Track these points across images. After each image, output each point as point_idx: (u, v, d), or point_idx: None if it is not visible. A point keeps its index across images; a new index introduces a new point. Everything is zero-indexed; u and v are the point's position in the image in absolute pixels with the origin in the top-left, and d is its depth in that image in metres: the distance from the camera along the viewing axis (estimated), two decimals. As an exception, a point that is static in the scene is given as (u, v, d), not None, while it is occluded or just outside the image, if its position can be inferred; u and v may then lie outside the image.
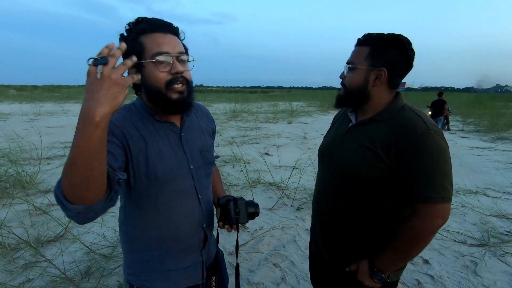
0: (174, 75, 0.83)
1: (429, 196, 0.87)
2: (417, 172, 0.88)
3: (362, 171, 0.96)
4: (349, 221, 1.04)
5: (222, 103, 21.92)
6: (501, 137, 9.13)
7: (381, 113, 1.00)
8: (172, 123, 0.94)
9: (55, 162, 5.48)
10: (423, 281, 2.29)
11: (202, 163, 0.99)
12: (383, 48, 0.97)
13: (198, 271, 1.01)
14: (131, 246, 0.97)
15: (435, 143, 0.88)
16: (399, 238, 0.93)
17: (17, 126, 9.42)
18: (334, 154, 1.08)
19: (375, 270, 0.98)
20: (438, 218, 0.88)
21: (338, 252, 1.09)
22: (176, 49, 0.84)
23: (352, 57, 1.03)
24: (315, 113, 17.04)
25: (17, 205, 3.46)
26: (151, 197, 0.90)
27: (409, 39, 0.97)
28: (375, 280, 0.98)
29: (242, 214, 0.97)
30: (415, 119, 0.93)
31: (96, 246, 2.65)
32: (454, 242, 2.88)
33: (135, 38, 0.83)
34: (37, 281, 2.18)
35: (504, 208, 3.66)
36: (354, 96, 1.03)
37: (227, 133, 9.05)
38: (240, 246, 2.77)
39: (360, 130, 1.03)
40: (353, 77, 1.01)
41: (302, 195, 4.01)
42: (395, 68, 0.98)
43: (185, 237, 0.96)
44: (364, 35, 1.01)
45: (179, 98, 0.85)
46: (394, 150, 0.91)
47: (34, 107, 16.18)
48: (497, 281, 2.30)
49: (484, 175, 5.15)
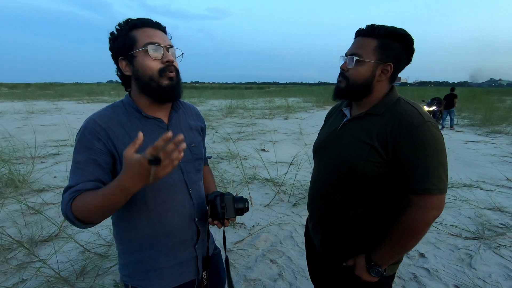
0: (165, 63, 0.87)
1: (425, 188, 0.87)
2: (414, 164, 0.88)
3: (360, 165, 0.95)
4: (346, 217, 1.03)
5: (217, 100, 21.84)
6: (495, 131, 9.22)
7: (376, 107, 0.99)
8: (159, 119, 0.95)
9: (49, 161, 5.41)
10: (419, 274, 2.31)
11: (191, 157, 1.00)
12: (391, 42, 0.93)
13: (192, 267, 1.01)
14: (125, 247, 0.97)
15: (432, 134, 0.88)
16: (395, 231, 0.93)
17: (10, 125, 9.28)
18: (329, 149, 1.07)
19: (372, 264, 0.98)
20: (434, 210, 0.88)
21: (336, 248, 1.08)
22: (166, 42, 0.90)
23: (357, 48, 0.97)
24: (311, 108, 17.05)
25: (10, 204, 3.41)
26: (140, 192, 0.90)
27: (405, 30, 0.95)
28: (372, 274, 0.98)
29: (229, 208, 0.96)
30: (411, 111, 0.92)
31: (91, 245, 2.62)
32: (449, 235, 2.90)
33: (126, 33, 0.87)
34: (31, 282, 2.15)
35: (498, 201, 3.69)
36: (357, 89, 0.99)
37: (223, 129, 9.02)
38: (236, 242, 2.76)
39: (355, 124, 1.02)
40: (359, 70, 0.96)
41: (298, 191, 4.00)
42: (399, 63, 0.97)
43: (178, 232, 0.96)
44: (369, 26, 0.96)
45: (170, 85, 0.89)
46: (391, 143, 0.91)
47: (27, 105, 15.97)
48: (492, 273, 2.32)
49: (479, 168, 5.19)
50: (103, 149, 0.84)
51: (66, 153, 5.90)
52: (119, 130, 0.88)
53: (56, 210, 3.35)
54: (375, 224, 1.01)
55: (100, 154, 0.84)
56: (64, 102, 19.62)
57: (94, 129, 0.85)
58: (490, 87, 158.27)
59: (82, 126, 0.87)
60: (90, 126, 0.85)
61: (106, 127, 0.86)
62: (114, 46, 0.89)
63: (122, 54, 0.88)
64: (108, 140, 0.86)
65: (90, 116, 0.89)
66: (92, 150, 0.83)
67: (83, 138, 0.84)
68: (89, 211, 0.76)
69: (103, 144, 0.85)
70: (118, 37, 0.88)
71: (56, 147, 6.42)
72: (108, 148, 0.86)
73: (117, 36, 0.88)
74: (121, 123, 0.89)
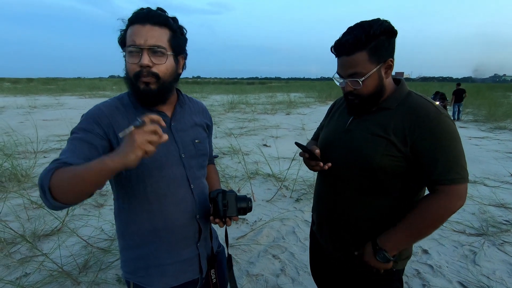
0: (140, 67, 0.84)
1: (451, 178, 0.88)
2: (436, 155, 0.88)
3: (376, 160, 0.94)
4: (357, 211, 1.02)
5: (219, 95, 21.77)
6: (499, 127, 9.15)
7: (387, 101, 0.98)
8: (162, 112, 0.94)
9: (51, 155, 5.42)
10: (422, 271, 2.30)
11: (195, 153, 0.99)
12: (377, 42, 0.88)
13: (194, 265, 1.00)
14: (126, 242, 0.96)
15: (449, 126, 0.90)
16: (415, 216, 0.92)
17: (12, 120, 9.31)
18: (340, 145, 1.05)
19: (377, 248, 0.96)
20: (459, 199, 0.89)
21: (347, 240, 1.07)
22: (148, 42, 0.82)
23: (352, 67, 0.91)
24: (313, 104, 16.97)
25: (12, 199, 3.42)
26: (140, 185, 0.90)
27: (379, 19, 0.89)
28: (377, 258, 0.96)
29: (231, 206, 0.93)
30: (427, 104, 0.93)
31: (93, 240, 2.62)
32: (453, 231, 2.89)
33: (126, 29, 0.86)
34: (34, 276, 2.16)
35: (502, 198, 3.67)
36: (373, 98, 0.97)
37: (225, 124, 8.99)
38: (239, 238, 2.76)
39: (367, 119, 1.00)
40: (367, 84, 0.93)
41: (301, 186, 3.99)
42: (393, 50, 0.94)
43: (179, 228, 0.94)
44: (344, 43, 0.89)
45: (145, 89, 0.85)
46: (410, 136, 0.90)
47: (29, 100, 16.00)
48: (496, 270, 2.31)
49: (483, 164, 5.15)
50: (101, 134, 0.84)
51: (69, 148, 5.90)
52: (123, 121, 0.88)
53: (59, 205, 3.36)
54: (386, 218, 0.99)
55: (97, 138, 0.83)
56: (66, 97, 19.65)
57: (98, 114, 0.86)
58: (494, 82, 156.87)
59: (88, 111, 0.88)
60: (94, 111, 0.87)
61: (110, 115, 0.87)
62: (119, 41, 0.89)
63: (121, 48, 0.89)
64: (109, 127, 0.86)
65: (96, 104, 0.90)
66: (90, 133, 0.83)
67: (84, 121, 0.85)
68: (63, 182, 0.71)
69: (103, 130, 0.85)
70: (122, 30, 0.88)
71: (58, 142, 6.44)
72: (107, 135, 0.85)
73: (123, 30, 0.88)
74: (125, 114, 0.90)
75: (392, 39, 0.92)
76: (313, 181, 4.10)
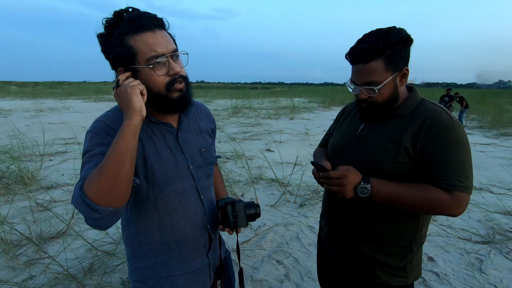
0: (172, 76, 0.80)
1: (454, 185, 0.87)
2: (445, 162, 0.88)
3: (387, 167, 0.94)
4: (366, 218, 1.02)
5: (223, 99, 21.86)
6: (505, 133, 9.07)
7: (400, 108, 0.98)
8: (168, 123, 0.90)
9: (57, 158, 5.47)
10: (428, 278, 2.27)
11: (202, 163, 0.96)
12: (393, 50, 0.89)
13: (205, 275, 0.99)
14: (134, 252, 0.94)
15: (461, 134, 0.90)
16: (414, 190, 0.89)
17: (19, 123, 9.42)
18: (350, 151, 1.05)
19: (366, 181, 0.92)
20: (459, 207, 0.87)
21: (355, 251, 1.06)
22: (169, 48, 0.79)
23: (367, 75, 0.91)
24: (317, 109, 16.97)
25: (19, 201, 3.46)
26: (150, 199, 0.87)
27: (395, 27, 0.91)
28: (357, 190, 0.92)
29: (240, 217, 0.94)
30: (439, 111, 0.93)
31: (98, 243, 2.64)
32: (459, 239, 2.86)
33: (121, 41, 0.76)
34: (39, 278, 2.17)
35: (509, 205, 3.62)
36: (387, 106, 0.97)
37: (228, 129, 9.02)
38: (243, 243, 2.76)
39: (380, 126, 1.00)
40: (383, 92, 0.93)
41: (304, 191, 3.98)
42: (408, 59, 0.95)
43: (190, 240, 0.93)
44: (361, 50, 0.89)
45: (180, 96, 0.83)
46: (420, 142, 0.91)
47: (35, 103, 16.19)
48: (503, 278, 2.28)
49: (488, 171, 5.11)
50: None
51: (74, 151, 5.96)
52: None
53: (64, 207, 3.38)
54: (396, 224, 0.99)
55: None
56: (71, 100, 19.85)
57: (106, 128, 0.81)
58: (499, 88, 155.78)
59: (92, 127, 0.82)
60: (100, 126, 0.82)
61: (115, 127, 0.82)
62: (110, 56, 0.79)
63: (122, 66, 0.80)
64: None
65: (97, 118, 0.85)
66: (108, 146, 0.77)
67: (95, 137, 0.80)
68: (101, 181, 0.67)
69: None
70: (113, 47, 0.77)
71: (64, 145, 6.49)
72: None
73: (111, 46, 0.78)
74: None
75: (408, 47, 0.92)
76: (316, 186, 4.09)
